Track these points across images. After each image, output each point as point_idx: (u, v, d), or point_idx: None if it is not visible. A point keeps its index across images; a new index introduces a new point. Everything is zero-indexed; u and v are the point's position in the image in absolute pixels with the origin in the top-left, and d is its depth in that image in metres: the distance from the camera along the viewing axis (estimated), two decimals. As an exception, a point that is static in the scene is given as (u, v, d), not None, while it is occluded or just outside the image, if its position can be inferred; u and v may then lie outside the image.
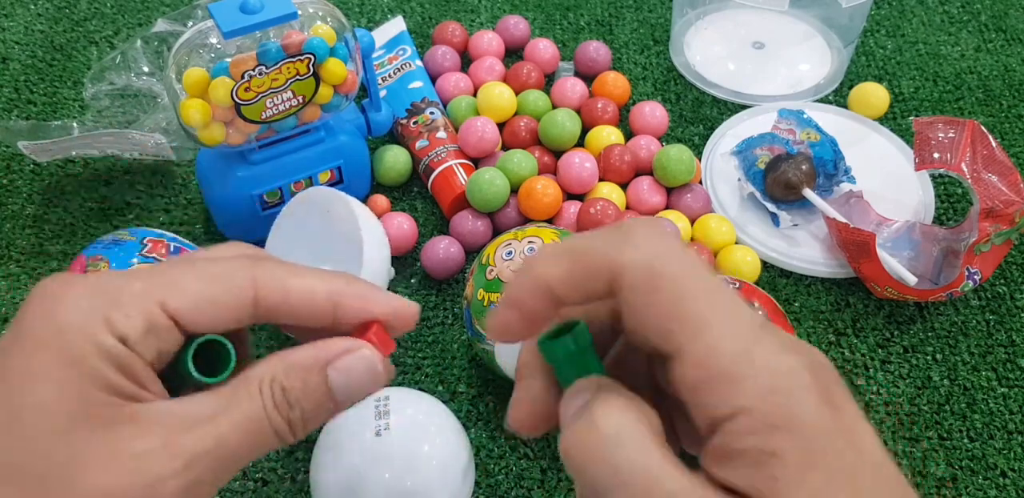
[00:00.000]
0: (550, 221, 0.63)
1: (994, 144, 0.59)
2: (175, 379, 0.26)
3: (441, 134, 0.66)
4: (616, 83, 0.71)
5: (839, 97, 0.73)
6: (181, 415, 0.24)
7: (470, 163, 0.65)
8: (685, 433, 0.27)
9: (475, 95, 0.70)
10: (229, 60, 0.51)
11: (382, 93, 0.70)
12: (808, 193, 0.62)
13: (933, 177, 0.67)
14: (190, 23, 0.68)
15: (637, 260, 0.23)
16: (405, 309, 0.27)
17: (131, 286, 0.25)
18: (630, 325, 0.24)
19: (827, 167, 0.63)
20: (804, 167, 0.62)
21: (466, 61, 0.75)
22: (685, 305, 0.22)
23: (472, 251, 0.62)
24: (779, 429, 0.21)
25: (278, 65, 0.52)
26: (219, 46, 0.52)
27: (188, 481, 0.23)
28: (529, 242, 0.53)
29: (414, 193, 0.67)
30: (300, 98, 0.55)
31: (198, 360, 0.26)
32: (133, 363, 0.24)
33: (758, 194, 0.64)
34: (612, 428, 0.23)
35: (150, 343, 0.25)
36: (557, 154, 0.67)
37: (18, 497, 0.23)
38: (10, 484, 0.23)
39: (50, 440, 0.23)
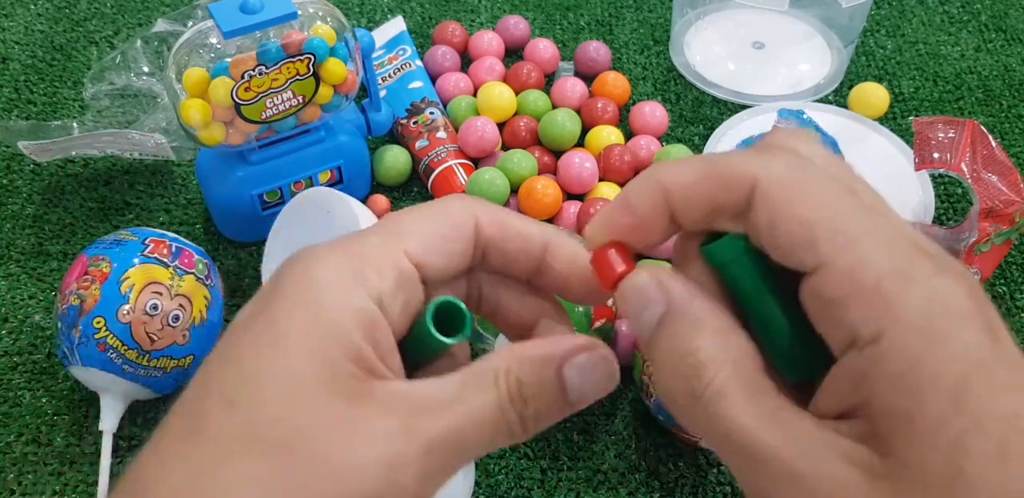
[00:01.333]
0: (550, 221, 0.63)
1: (994, 144, 0.59)
2: (408, 350, 0.25)
3: (441, 134, 0.66)
4: (616, 83, 0.71)
5: (839, 97, 0.73)
6: (417, 398, 0.23)
7: (470, 163, 0.65)
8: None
9: (475, 95, 0.70)
10: (229, 60, 0.51)
11: (382, 93, 0.70)
12: (808, 193, 0.62)
13: (933, 177, 0.67)
14: (190, 23, 0.68)
15: (778, 170, 0.21)
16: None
17: (370, 240, 0.24)
18: (766, 240, 0.22)
19: (827, 167, 0.63)
20: (804, 167, 0.62)
21: (466, 61, 0.75)
22: (835, 215, 0.20)
23: (472, 251, 0.62)
24: (926, 363, 0.19)
25: (278, 65, 0.52)
26: (219, 46, 0.52)
27: (426, 467, 0.22)
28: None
29: (414, 193, 0.67)
30: (300, 98, 0.55)
31: (437, 324, 0.25)
32: (380, 329, 0.23)
33: (758, 194, 0.64)
34: (706, 381, 0.21)
35: (399, 297, 0.24)
36: (557, 154, 0.67)
37: (265, 466, 0.21)
38: (255, 451, 0.21)
39: (295, 409, 0.22)
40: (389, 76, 0.72)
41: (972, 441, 0.19)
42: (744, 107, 0.72)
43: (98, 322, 0.50)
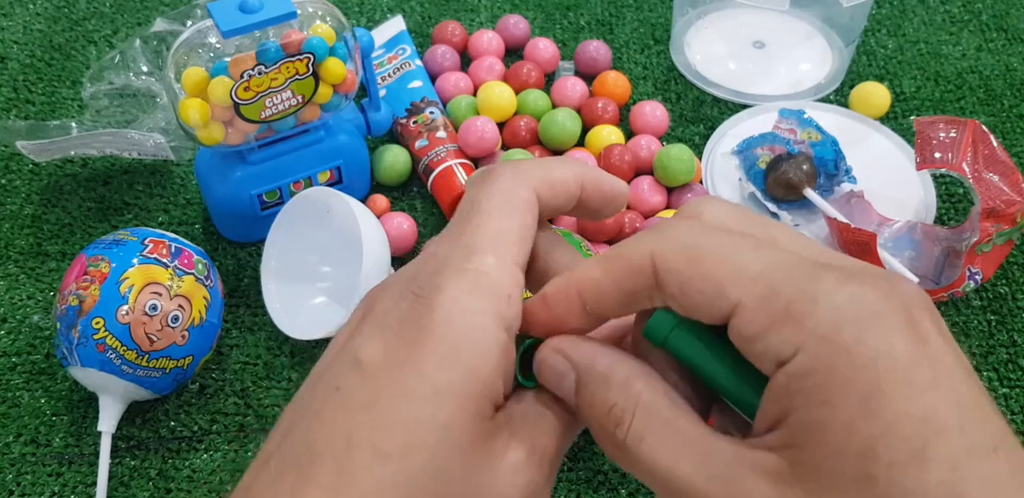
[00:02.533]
0: (550, 221, 0.62)
1: (995, 144, 0.59)
2: None
3: (441, 134, 0.66)
4: (616, 83, 0.70)
5: (840, 97, 0.73)
6: (530, 418, 0.25)
7: (470, 163, 0.65)
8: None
9: (475, 95, 0.70)
10: (228, 59, 0.51)
11: (381, 93, 0.70)
12: (809, 193, 0.62)
13: (934, 177, 0.67)
14: (189, 22, 0.67)
15: (671, 240, 0.23)
16: (622, 189, 0.28)
17: (487, 262, 0.24)
18: (683, 305, 0.23)
19: (828, 167, 0.63)
20: (805, 167, 0.62)
21: (466, 60, 0.75)
22: (734, 261, 0.22)
23: (472, 251, 0.62)
24: (836, 372, 0.20)
25: (277, 64, 0.52)
26: (218, 45, 0.52)
27: (552, 483, 0.24)
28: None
29: (414, 193, 0.66)
30: (299, 98, 0.55)
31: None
32: (511, 359, 0.24)
33: (759, 194, 0.64)
34: (624, 428, 0.23)
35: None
36: (557, 154, 0.66)
37: None
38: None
39: (448, 460, 0.22)
40: (389, 76, 0.72)
41: (882, 446, 0.19)
42: (745, 107, 0.72)
43: (97, 322, 0.49)
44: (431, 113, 0.68)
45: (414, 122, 0.67)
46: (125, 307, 0.50)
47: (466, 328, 0.23)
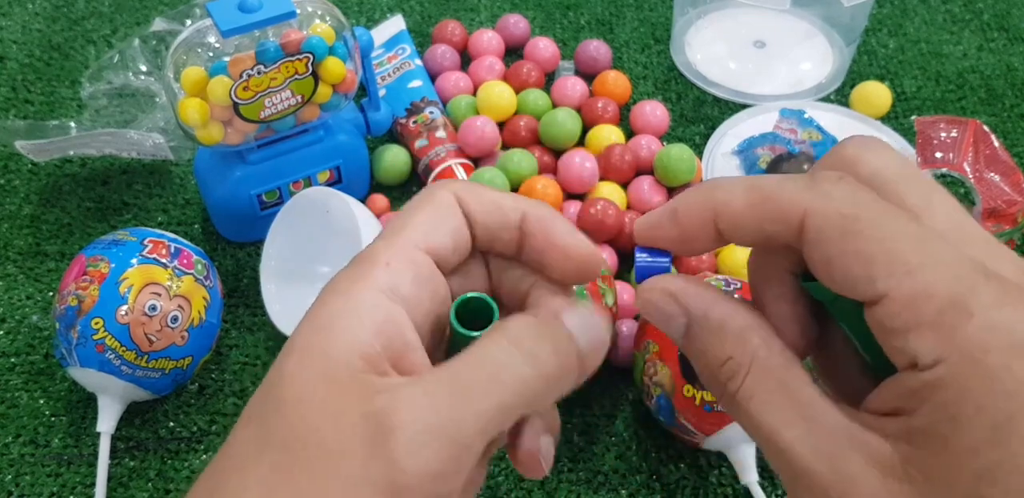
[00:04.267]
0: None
1: (996, 144, 0.59)
2: (454, 347, 0.26)
3: (440, 133, 0.66)
4: (617, 82, 0.70)
5: (841, 96, 0.73)
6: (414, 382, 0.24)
7: (469, 162, 0.65)
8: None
9: (475, 94, 0.70)
10: (227, 59, 0.51)
11: (381, 92, 0.70)
12: (810, 193, 0.62)
13: (935, 177, 0.67)
14: (188, 22, 0.67)
15: (829, 203, 0.21)
16: (584, 250, 0.26)
17: (375, 245, 0.25)
18: (821, 274, 0.22)
19: (829, 167, 0.63)
20: (806, 167, 0.62)
21: (466, 60, 0.75)
22: (890, 248, 0.21)
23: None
24: (973, 396, 0.19)
25: (277, 64, 0.52)
26: (217, 45, 0.52)
27: (411, 440, 0.22)
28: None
29: (414, 193, 0.66)
30: (299, 97, 0.55)
31: (466, 320, 0.26)
32: (395, 321, 0.24)
33: (759, 194, 0.64)
34: (736, 384, 0.23)
35: (424, 289, 0.25)
36: (557, 153, 0.66)
37: (265, 467, 0.22)
38: (261, 455, 0.23)
39: (295, 411, 0.23)
40: (388, 75, 0.71)
41: (1003, 474, 0.19)
42: (745, 106, 0.72)
43: (96, 323, 0.49)
44: (431, 113, 0.68)
45: (414, 122, 0.67)
46: (124, 307, 0.50)
47: (328, 296, 0.24)
